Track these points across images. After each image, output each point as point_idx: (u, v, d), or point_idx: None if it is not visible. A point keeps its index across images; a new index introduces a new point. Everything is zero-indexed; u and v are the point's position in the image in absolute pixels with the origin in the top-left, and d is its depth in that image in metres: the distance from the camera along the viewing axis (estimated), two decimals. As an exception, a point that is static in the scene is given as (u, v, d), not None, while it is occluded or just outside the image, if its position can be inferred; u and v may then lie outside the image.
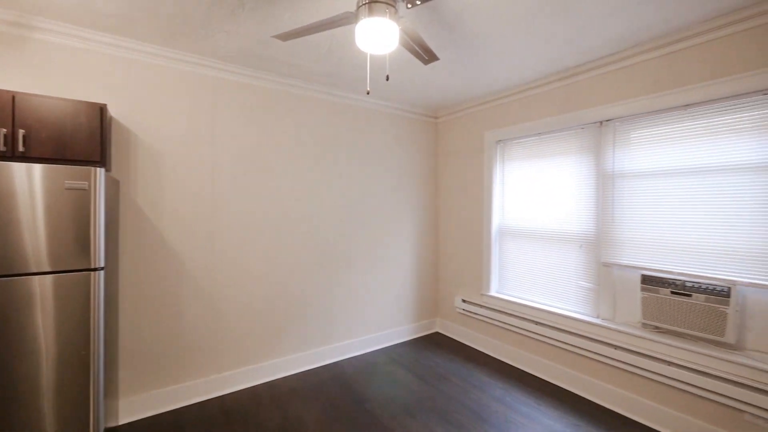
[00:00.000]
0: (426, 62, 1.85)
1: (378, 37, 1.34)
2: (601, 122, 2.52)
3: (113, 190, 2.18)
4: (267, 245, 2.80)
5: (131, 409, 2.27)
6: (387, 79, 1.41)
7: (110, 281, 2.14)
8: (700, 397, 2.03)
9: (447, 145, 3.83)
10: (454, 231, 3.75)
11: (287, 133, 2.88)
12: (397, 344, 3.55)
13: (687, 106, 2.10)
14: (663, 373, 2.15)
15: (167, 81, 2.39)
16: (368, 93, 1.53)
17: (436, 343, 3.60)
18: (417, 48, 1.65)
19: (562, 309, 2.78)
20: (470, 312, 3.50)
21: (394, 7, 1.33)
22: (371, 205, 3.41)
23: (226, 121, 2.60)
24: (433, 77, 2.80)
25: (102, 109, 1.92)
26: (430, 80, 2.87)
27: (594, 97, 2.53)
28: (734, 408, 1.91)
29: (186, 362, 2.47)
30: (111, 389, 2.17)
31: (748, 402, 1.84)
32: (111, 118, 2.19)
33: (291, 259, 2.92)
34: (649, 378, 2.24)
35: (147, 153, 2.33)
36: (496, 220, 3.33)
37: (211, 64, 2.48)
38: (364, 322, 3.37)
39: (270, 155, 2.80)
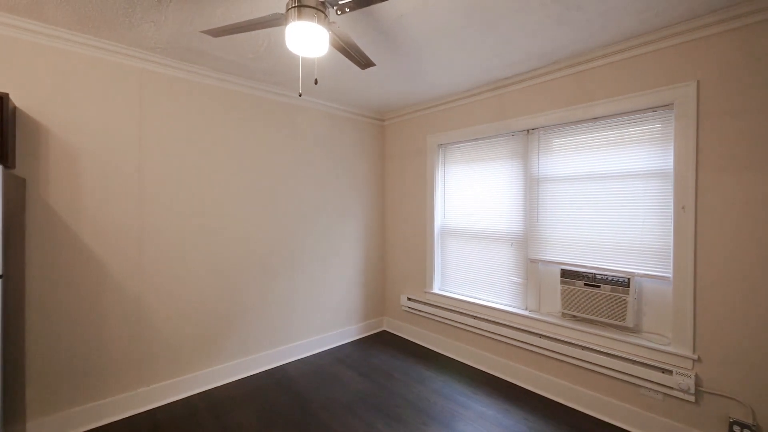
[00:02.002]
0: (363, 67, 1.89)
1: (307, 40, 1.35)
2: (528, 130, 2.75)
3: (18, 189, 1.95)
4: (203, 248, 2.67)
5: (41, 431, 2.06)
6: (315, 82, 1.43)
7: (14, 291, 1.92)
8: (607, 375, 2.30)
9: (393, 148, 3.93)
10: (400, 231, 3.86)
11: (225, 131, 2.78)
12: (344, 344, 3.56)
13: (595, 119, 2.37)
14: (578, 357, 2.40)
15: (85, 71, 2.19)
16: (300, 95, 1.54)
17: (382, 341, 3.67)
18: (351, 52, 1.69)
19: (495, 303, 2.98)
20: (415, 309, 3.62)
21: (323, 12, 1.36)
22: (318, 206, 3.39)
23: (155, 116, 2.45)
24: (374, 82, 2.86)
25: (3, 99, 1.73)
26: (371, 84, 2.93)
27: (522, 107, 2.75)
28: (633, 384, 2.19)
29: (109, 376, 2.28)
30: (16, 412, 1.94)
31: (644, 377, 2.12)
32: (15, 109, 1.97)
33: (230, 263, 2.81)
34: (567, 362, 2.49)
35: (61, 149, 2.12)
36: (439, 221, 3.48)
37: (137, 55, 2.32)
38: (309, 324, 3.34)
39: (206, 154, 2.68)
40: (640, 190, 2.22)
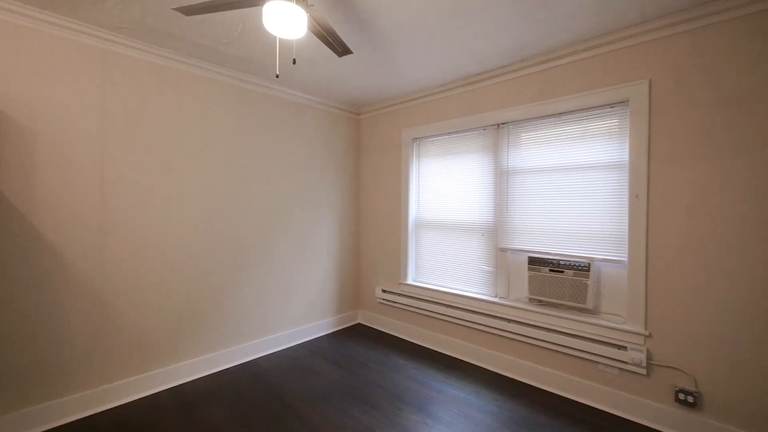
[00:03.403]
0: (340, 54, 1.91)
1: (285, 21, 1.35)
2: (498, 125, 2.87)
3: (-36, 172, 1.81)
4: (171, 239, 2.58)
5: (-9, 433, 1.92)
6: (294, 62, 1.44)
7: (-41, 282, 1.78)
8: (568, 355, 2.45)
9: (368, 141, 3.96)
10: (375, 224, 3.89)
11: (195, 119, 2.69)
12: (318, 337, 3.55)
13: (560, 114, 2.51)
14: (543, 339, 2.53)
15: (44, 50, 2.06)
16: (277, 77, 1.53)
17: (357, 333, 3.69)
18: (329, 38, 1.70)
19: (467, 291, 3.09)
20: (389, 301, 3.67)
21: (301, -6, 1.37)
22: (292, 198, 3.36)
23: (120, 101, 2.34)
24: (350, 74, 2.88)
25: (-54, 73, 1.59)
26: (348, 76, 2.94)
27: (492, 102, 2.87)
28: (591, 361, 2.35)
29: (68, 373, 2.16)
30: (-39, 412, 1.79)
31: (601, 354, 2.28)
32: (-39, 85, 1.82)
33: (200, 255, 2.73)
34: (533, 344, 2.62)
35: (17, 133, 1.98)
36: (413, 213, 3.55)
37: (101, 35, 2.21)
38: (283, 317, 3.31)
39: (174, 142, 2.59)
40: (599, 181, 2.38)
